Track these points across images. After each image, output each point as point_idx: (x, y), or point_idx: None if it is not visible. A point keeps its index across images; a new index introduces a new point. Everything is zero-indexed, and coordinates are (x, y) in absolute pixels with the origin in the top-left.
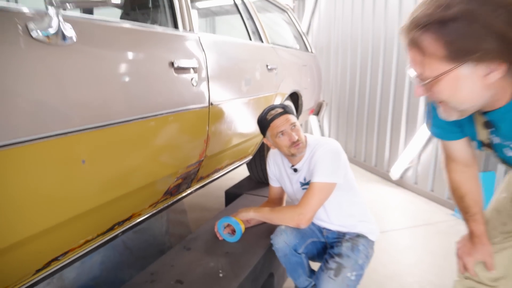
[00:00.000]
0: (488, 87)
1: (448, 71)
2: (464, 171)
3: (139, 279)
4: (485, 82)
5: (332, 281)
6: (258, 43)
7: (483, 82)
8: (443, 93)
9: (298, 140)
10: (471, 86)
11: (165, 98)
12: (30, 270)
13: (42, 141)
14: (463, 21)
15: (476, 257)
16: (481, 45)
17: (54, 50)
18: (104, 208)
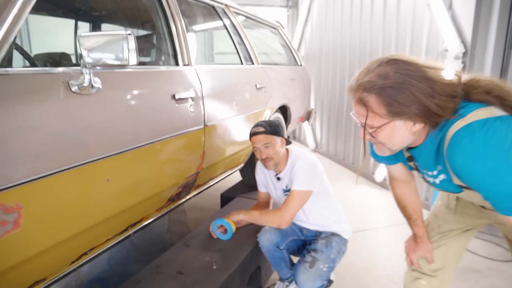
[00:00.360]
0: (413, 134)
1: (387, 123)
2: (403, 187)
3: (146, 271)
4: (411, 130)
5: (307, 272)
6: (248, 66)
7: (410, 130)
8: (382, 138)
9: (267, 158)
10: (402, 133)
11: (168, 125)
12: (68, 261)
13: (81, 167)
14: (396, 90)
15: (419, 254)
16: (408, 109)
17: (86, 98)
18: (121, 214)
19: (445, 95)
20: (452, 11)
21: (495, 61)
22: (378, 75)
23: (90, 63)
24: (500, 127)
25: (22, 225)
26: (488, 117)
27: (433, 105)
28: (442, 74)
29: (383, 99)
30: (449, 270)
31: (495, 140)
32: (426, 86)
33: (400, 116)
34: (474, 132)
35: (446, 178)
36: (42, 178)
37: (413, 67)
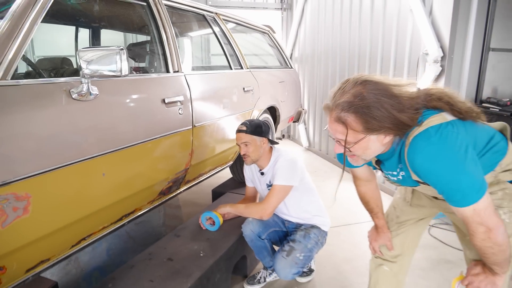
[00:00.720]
0: (384, 145)
1: (363, 138)
2: (366, 184)
3: (139, 257)
4: (383, 142)
5: (284, 260)
6: (237, 70)
7: (382, 142)
8: (358, 151)
9: (245, 154)
10: (375, 145)
11: (158, 126)
12: (68, 245)
13: (81, 163)
14: (372, 108)
15: (380, 242)
16: (384, 125)
17: (85, 103)
18: (116, 205)
19: (411, 108)
20: (432, 16)
21: (473, 65)
22: (354, 95)
23: (88, 74)
24: (451, 131)
25: (30, 211)
26: (442, 123)
27: (405, 118)
28: (406, 89)
29: (360, 117)
30: (407, 256)
31: (448, 143)
32: (396, 103)
33: (376, 131)
34: (431, 136)
35: (406, 175)
36: (48, 172)
37: (383, 87)
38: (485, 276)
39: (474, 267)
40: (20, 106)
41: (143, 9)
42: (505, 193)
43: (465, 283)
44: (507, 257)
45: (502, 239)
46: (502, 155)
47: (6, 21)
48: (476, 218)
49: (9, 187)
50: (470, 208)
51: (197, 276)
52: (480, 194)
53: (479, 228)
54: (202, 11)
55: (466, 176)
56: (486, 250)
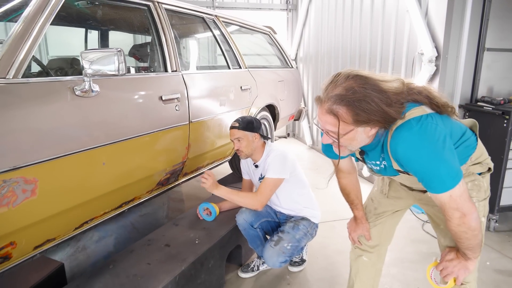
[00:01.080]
0: (369, 137)
1: (352, 130)
2: (347, 177)
3: (140, 243)
4: (368, 134)
5: (272, 249)
6: (235, 70)
7: (368, 134)
8: (346, 142)
9: (238, 150)
10: (361, 137)
11: (156, 121)
12: (72, 227)
13: (83, 152)
14: (362, 102)
15: (358, 232)
16: (373, 117)
17: (87, 99)
18: (116, 192)
19: (397, 102)
20: (428, 17)
21: (468, 64)
22: (346, 89)
23: (90, 73)
24: (431, 122)
25: (37, 194)
26: (422, 114)
27: (393, 112)
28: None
29: (351, 110)
30: (384, 246)
31: (428, 133)
32: (384, 98)
33: (365, 123)
34: (412, 127)
35: (387, 164)
36: (53, 159)
37: (373, 82)
38: (459, 261)
39: (448, 253)
40: (29, 101)
41: (144, 13)
42: (474, 184)
43: (440, 268)
44: (479, 242)
45: (475, 224)
46: (473, 149)
47: (18, 25)
48: (452, 204)
49: (19, 171)
50: (447, 194)
51: (191, 260)
52: (456, 180)
53: (455, 213)
54: (201, 14)
55: (444, 164)
56: (461, 235)
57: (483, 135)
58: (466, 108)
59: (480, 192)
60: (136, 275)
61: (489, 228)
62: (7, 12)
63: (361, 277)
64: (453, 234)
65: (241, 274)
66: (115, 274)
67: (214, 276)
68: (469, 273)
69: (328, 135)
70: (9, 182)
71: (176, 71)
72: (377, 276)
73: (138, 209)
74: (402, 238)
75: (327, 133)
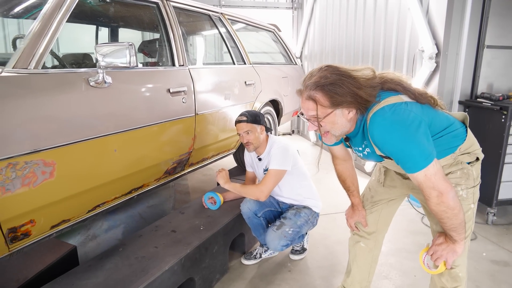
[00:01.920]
0: (349, 120)
1: (330, 112)
2: (343, 164)
3: (147, 229)
4: (347, 118)
5: (274, 233)
6: (240, 65)
7: (346, 117)
8: (327, 126)
9: (247, 142)
10: (341, 120)
11: (163, 112)
12: (85, 209)
13: (96, 139)
14: (335, 85)
15: (355, 219)
16: (346, 99)
17: (100, 90)
18: (126, 178)
19: (368, 86)
20: (429, 14)
21: (468, 61)
22: (320, 77)
23: (103, 65)
24: (404, 109)
25: (55, 176)
26: (397, 102)
27: (363, 94)
28: (363, 72)
29: (326, 93)
30: (381, 233)
31: (400, 117)
32: (354, 81)
33: (340, 105)
34: (385, 112)
35: (370, 150)
36: (69, 144)
37: (343, 70)
38: (447, 245)
39: (437, 238)
40: (48, 90)
41: (153, 10)
42: (463, 172)
43: (430, 252)
44: (461, 221)
45: (454, 202)
46: (461, 140)
47: (37, 21)
48: (428, 183)
49: (39, 154)
50: (422, 174)
51: (195, 245)
52: (428, 160)
53: (432, 192)
54: (208, 11)
55: (415, 145)
56: (441, 215)
57: (482, 130)
58: (466, 104)
59: (469, 180)
60: (144, 257)
61: (487, 222)
62: (27, 9)
63: (358, 262)
64: (435, 214)
65: (244, 261)
66: (124, 256)
67: (218, 262)
68: (457, 256)
69: (311, 122)
70: (30, 164)
71: (183, 65)
72: (374, 262)
73: (145, 201)
74: (401, 230)
75: (310, 120)
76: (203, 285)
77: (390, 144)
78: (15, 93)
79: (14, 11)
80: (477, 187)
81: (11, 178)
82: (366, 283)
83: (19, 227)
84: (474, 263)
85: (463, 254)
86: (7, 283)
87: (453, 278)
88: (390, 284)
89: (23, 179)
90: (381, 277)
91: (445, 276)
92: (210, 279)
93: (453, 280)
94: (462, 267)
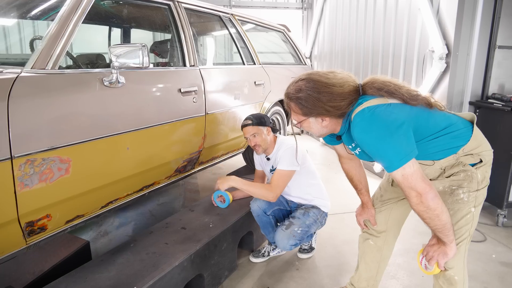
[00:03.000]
0: (324, 127)
1: (303, 120)
2: (348, 162)
3: (158, 226)
4: (321, 124)
5: (283, 232)
6: (249, 66)
7: (321, 124)
8: (306, 128)
9: (255, 145)
10: (316, 126)
11: (174, 111)
12: (99, 205)
13: (110, 137)
14: (306, 98)
15: (364, 216)
16: (315, 110)
17: (114, 90)
18: (138, 175)
19: (340, 99)
20: (439, 15)
21: (479, 62)
22: (294, 89)
23: (117, 66)
24: (384, 110)
25: (70, 172)
26: (379, 103)
27: (332, 107)
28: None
29: (297, 105)
30: (391, 233)
31: (378, 118)
32: (326, 95)
33: (310, 115)
34: (364, 113)
35: (361, 150)
36: (84, 142)
37: (318, 84)
38: (438, 247)
39: (431, 239)
40: (64, 90)
41: (165, 12)
42: (467, 174)
43: (424, 253)
44: (445, 223)
45: (434, 203)
46: (464, 140)
47: (55, 23)
48: (406, 182)
49: (56, 151)
50: (399, 174)
51: (205, 242)
52: (404, 161)
53: (411, 192)
54: (218, 12)
55: (391, 145)
56: (422, 215)
57: (493, 131)
58: (477, 105)
59: (472, 183)
60: (155, 253)
61: (497, 223)
62: (45, 11)
63: (366, 259)
64: (417, 214)
65: (252, 259)
66: (136, 251)
67: (227, 259)
68: (448, 258)
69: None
70: (47, 160)
71: (194, 66)
72: (383, 262)
73: (156, 199)
74: (410, 230)
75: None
76: (212, 281)
77: (367, 144)
78: (33, 93)
79: (32, 13)
80: (482, 191)
81: (30, 174)
82: (374, 282)
83: (36, 221)
84: (483, 264)
85: (458, 256)
86: (24, 276)
87: (448, 280)
88: (397, 284)
89: (40, 175)
90: (388, 277)
91: (441, 278)
92: (219, 276)
93: (448, 282)
94: (457, 270)
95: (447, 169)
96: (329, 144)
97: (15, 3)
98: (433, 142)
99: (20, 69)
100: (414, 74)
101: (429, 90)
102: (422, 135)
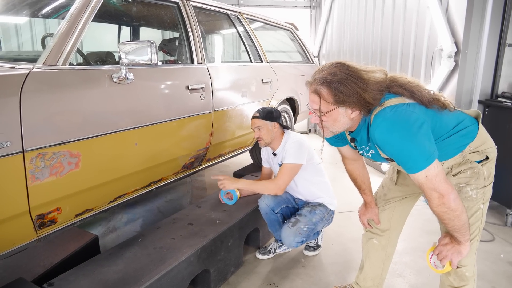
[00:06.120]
0: (351, 120)
1: (333, 109)
2: (352, 163)
3: (165, 221)
4: (350, 117)
5: (289, 229)
6: (256, 64)
7: (349, 117)
8: (329, 123)
9: (258, 137)
10: (343, 119)
11: (182, 108)
12: (107, 199)
13: (118, 133)
14: (341, 84)
15: (367, 216)
16: (349, 99)
17: (123, 86)
18: (146, 171)
19: (375, 90)
20: (448, 13)
21: (488, 60)
22: (329, 73)
23: (126, 62)
24: (406, 110)
25: (80, 167)
26: (399, 103)
27: (367, 97)
28: (374, 75)
29: (331, 90)
30: (394, 230)
31: (401, 118)
32: (362, 83)
33: (343, 104)
34: (386, 113)
35: (375, 152)
36: (94, 137)
37: (353, 70)
38: (452, 246)
39: (444, 238)
40: (74, 86)
41: (174, 10)
42: (473, 172)
43: (436, 252)
44: (464, 223)
45: (455, 204)
46: (471, 138)
47: (65, 21)
48: (429, 184)
49: (66, 146)
50: (423, 175)
51: (211, 237)
52: (428, 161)
53: (433, 193)
54: (226, 10)
55: (415, 146)
56: (443, 216)
57: (503, 130)
58: (486, 103)
59: (479, 180)
60: (162, 248)
61: (506, 223)
62: (56, 9)
63: (371, 259)
64: (436, 215)
65: (258, 256)
66: (143, 246)
67: (233, 255)
68: (462, 257)
69: (315, 114)
70: (57, 155)
71: (202, 63)
72: (387, 260)
73: (163, 195)
74: (417, 229)
75: (314, 112)
76: (218, 277)
77: (390, 144)
78: (44, 88)
79: (43, 11)
80: (489, 187)
81: (41, 167)
82: (379, 280)
83: (46, 214)
84: (491, 264)
85: (470, 254)
86: (34, 268)
87: (460, 277)
88: (404, 283)
89: (51, 169)
90: (395, 275)
91: (452, 275)
92: (225, 272)
93: (460, 279)
94: (469, 267)
95: (454, 168)
96: (333, 146)
97: (27, 2)
98: (445, 142)
99: (32, 65)
100: (423, 73)
101: (438, 88)
102: (436, 136)
